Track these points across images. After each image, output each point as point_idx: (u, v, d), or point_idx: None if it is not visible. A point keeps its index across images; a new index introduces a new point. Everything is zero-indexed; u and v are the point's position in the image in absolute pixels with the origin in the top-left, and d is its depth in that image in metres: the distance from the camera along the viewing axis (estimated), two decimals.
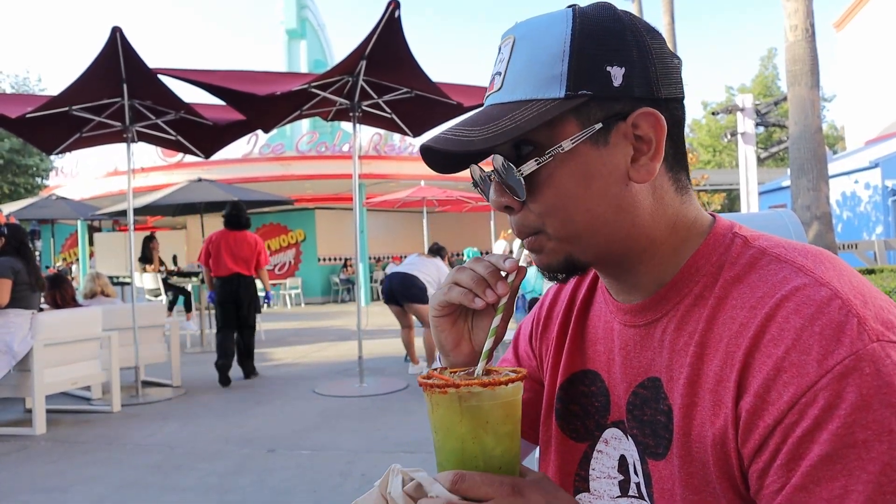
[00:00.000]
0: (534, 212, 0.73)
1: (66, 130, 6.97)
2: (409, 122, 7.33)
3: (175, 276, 10.77)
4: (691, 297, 0.72)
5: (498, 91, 0.73)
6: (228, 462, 4.29)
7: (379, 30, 5.56)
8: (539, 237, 0.75)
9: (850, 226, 18.41)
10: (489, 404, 0.68)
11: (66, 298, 6.15)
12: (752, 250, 0.71)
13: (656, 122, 0.71)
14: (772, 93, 34.85)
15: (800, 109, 7.95)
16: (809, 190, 7.86)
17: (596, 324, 0.87)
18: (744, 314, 0.65)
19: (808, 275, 0.64)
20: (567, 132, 0.70)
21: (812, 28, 7.92)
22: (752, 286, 0.67)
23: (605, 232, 0.72)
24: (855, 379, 0.56)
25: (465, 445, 0.68)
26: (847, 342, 0.58)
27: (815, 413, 0.57)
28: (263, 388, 6.71)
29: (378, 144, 18.30)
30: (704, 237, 0.75)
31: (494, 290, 0.76)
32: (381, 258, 20.94)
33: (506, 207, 0.75)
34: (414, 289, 6.89)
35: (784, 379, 0.59)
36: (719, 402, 0.65)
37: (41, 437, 5.02)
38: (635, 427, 0.75)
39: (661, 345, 0.74)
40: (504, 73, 0.73)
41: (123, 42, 5.62)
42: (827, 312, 0.60)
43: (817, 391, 0.57)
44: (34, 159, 24.17)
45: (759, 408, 0.61)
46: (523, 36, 0.73)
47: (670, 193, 0.75)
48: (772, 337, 0.62)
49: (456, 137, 0.70)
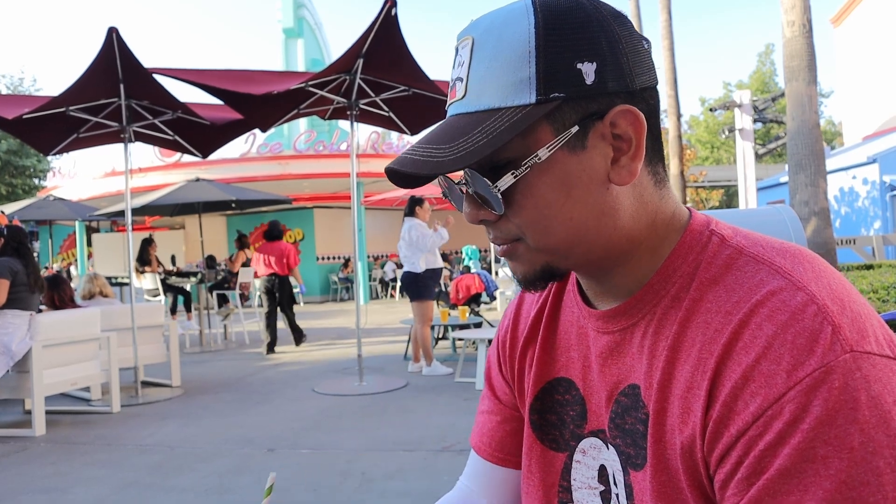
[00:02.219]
0: (514, 223, 0.70)
1: (63, 131, 6.96)
2: (407, 121, 7.32)
3: (174, 277, 10.77)
4: (668, 298, 0.70)
5: (461, 99, 0.69)
6: (228, 462, 4.29)
7: (376, 28, 5.56)
8: (517, 245, 0.71)
9: (848, 221, 18.43)
10: None
11: (65, 299, 6.14)
12: (729, 249, 0.68)
13: (635, 119, 0.67)
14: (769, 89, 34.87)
15: (797, 105, 7.95)
16: (807, 186, 7.86)
17: (567, 329, 0.84)
18: (718, 319, 0.63)
19: (785, 277, 0.62)
20: (541, 139, 0.65)
21: (809, 24, 7.92)
22: (728, 289, 0.65)
23: (586, 239, 0.69)
24: (822, 392, 0.55)
25: None
26: (819, 353, 0.56)
27: (779, 427, 0.55)
28: (263, 388, 6.71)
29: (376, 143, 18.29)
30: (681, 234, 0.72)
31: None
32: (379, 256, 20.94)
33: (481, 221, 0.72)
34: (412, 286, 6.94)
35: (752, 389, 0.58)
36: (688, 409, 0.63)
37: (41, 439, 5.02)
38: (618, 437, 0.72)
39: (640, 350, 0.71)
40: (466, 79, 0.68)
41: (120, 42, 5.61)
42: (801, 319, 0.58)
43: (784, 404, 0.55)
44: (31, 160, 24.15)
45: (725, 417, 0.59)
46: (482, 36, 0.67)
47: (649, 189, 0.71)
48: (744, 344, 0.60)
49: (423, 159, 0.66)
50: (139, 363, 6.47)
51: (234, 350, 9.76)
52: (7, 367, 5.05)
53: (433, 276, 7.01)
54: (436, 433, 4.59)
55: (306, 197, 19.14)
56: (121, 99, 6.35)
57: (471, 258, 13.48)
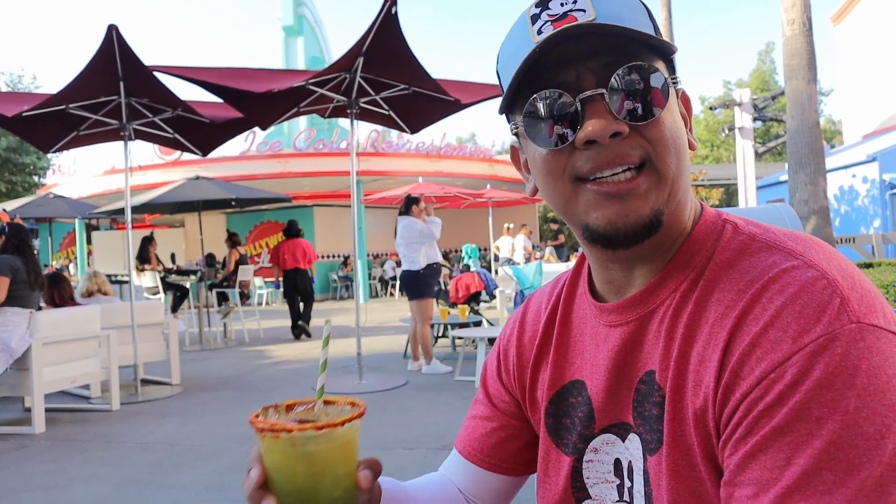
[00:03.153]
0: (647, 137, 0.67)
1: (63, 129, 6.95)
2: (407, 119, 7.32)
3: (173, 275, 10.76)
4: (687, 282, 0.71)
5: (592, 21, 0.66)
6: (228, 459, 4.29)
7: (376, 26, 5.55)
8: (644, 172, 0.68)
9: (847, 220, 18.43)
10: (326, 448, 0.64)
11: (65, 297, 6.15)
12: (743, 236, 0.71)
13: (688, 101, 0.76)
14: (769, 87, 34.85)
15: (797, 104, 7.95)
16: (807, 184, 7.87)
17: (581, 331, 0.84)
18: (731, 297, 0.65)
19: (798, 258, 0.64)
20: (666, 74, 0.70)
21: (809, 22, 7.92)
22: (742, 271, 0.67)
23: (685, 185, 0.72)
24: (825, 357, 0.56)
25: (302, 490, 0.65)
26: (825, 321, 0.58)
27: (779, 388, 0.57)
28: (263, 386, 6.72)
29: (376, 141, 18.29)
30: (696, 223, 0.75)
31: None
32: (379, 255, 20.94)
33: (612, 135, 0.67)
34: (411, 284, 6.94)
35: (758, 354, 0.60)
36: (700, 381, 0.65)
37: (40, 436, 5.02)
38: (641, 425, 0.73)
39: (657, 336, 0.72)
40: (591, 8, 0.67)
41: (120, 40, 5.61)
42: (810, 291, 0.60)
43: (787, 367, 0.57)
44: (31, 157, 24.12)
45: (732, 383, 0.61)
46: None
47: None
48: (754, 316, 0.62)
49: (620, 28, 0.65)
50: (139, 361, 6.47)
51: (233, 348, 9.76)
52: (6, 364, 5.05)
53: (433, 273, 7.01)
54: (435, 431, 4.59)
55: (306, 195, 19.14)
56: (121, 97, 6.34)
57: (470, 257, 13.48)
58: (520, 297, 8.14)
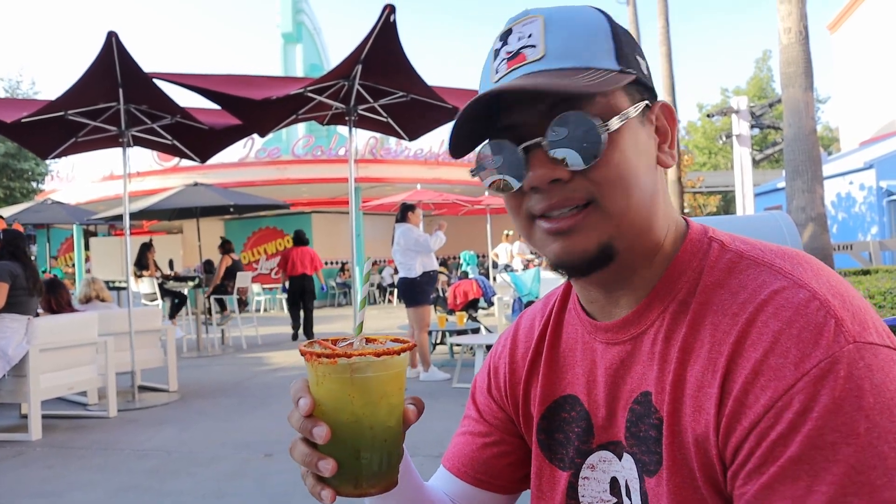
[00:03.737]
0: (591, 179, 0.68)
1: (61, 135, 6.96)
2: (405, 126, 7.34)
3: (171, 281, 10.75)
4: (675, 304, 0.72)
5: (539, 60, 0.68)
6: (226, 466, 4.28)
7: (375, 34, 5.57)
8: (587, 212, 0.69)
9: (845, 227, 18.46)
10: (383, 375, 0.66)
11: (62, 303, 6.13)
12: (730, 254, 0.72)
13: (670, 114, 0.76)
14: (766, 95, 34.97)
15: (794, 111, 7.97)
16: (804, 191, 7.87)
17: (571, 347, 0.85)
18: (726, 321, 0.65)
19: (787, 277, 0.65)
20: (621, 104, 0.70)
21: (806, 30, 7.95)
22: (732, 291, 0.67)
23: (644, 214, 0.71)
24: (829, 382, 0.57)
25: (358, 418, 0.65)
26: (824, 344, 0.59)
27: (790, 417, 0.57)
28: (260, 392, 6.70)
29: (374, 148, 18.31)
30: (682, 241, 0.75)
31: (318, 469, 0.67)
32: (377, 261, 20.93)
33: (551, 182, 0.69)
34: (408, 291, 6.95)
35: (762, 382, 0.60)
36: (700, 407, 0.65)
37: (37, 443, 5.01)
38: (634, 445, 0.73)
39: (651, 357, 0.72)
40: (542, 44, 0.69)
41: (119, 47, 5.62)
42: (805, 314, 0.61)
43: (793, 394, 0.58)
44: (29, 163, 24.10)
45: (737, 412, 0.61)
46: (554, 15, 0.71)
47: (668, 192, 0.78)
48: (752, 342, 0.62)
49: (552, 81, 0.66)
50: (136, 367, 6.45)
51: (231, 354, 9.74)
52: (4, 371, 5.04)
53: (429, 280, 7.02)
54: (433, 438, 4.58)
55: (304, 202, 19.14)
56: (120, 103, 6.36)
57: (469, 264, 13.46)
58: (518, 304, 8.14)
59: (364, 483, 0.67)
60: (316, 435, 0.65)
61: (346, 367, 0.64)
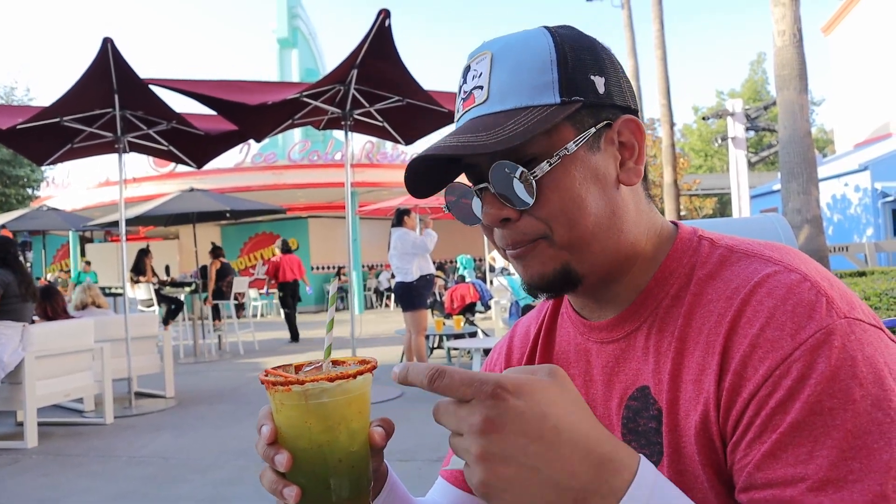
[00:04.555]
0: (538, 217, 0.72)
1: (57, 141, 6.95)
2: (401, 130, 7.34)
3: (168, 287, 10.72)
4: (668, 298, 0.74)
5: (483, 103, 0.73)
6: (223, 473, 4.26)
7: (370, 39, 5.58)
8: (538, 243, 0.73)
9: (840, 229, 18.52)
10: (340, 400, 0.64)
11: (57, 310, 6.11)
12: (721, 249, 0.74)
13: (636, 128, 0.75)
14: (762, 97, 35.10)
15: (789, 113, 8.00)
16: (800, 193, 7.90)
17: (565, 349, 0.86)
18: (721, 305, 0.68)
19: (778, 263, 0.68)
20: (564, 137, 0.71)
21: (800, 33, 7.98)
22: (726, 280, 0.70)
23: (602, 238, 0.73)
24: (825, 351, 0.59)
25: (317, 445, 0.64)
26: (818, 317, 0.61)
27: (788, 384, 0.59)
28: (257, 398, 6.69)
29: (370, 153, 18.32)
30: (672, 242, 0.78)
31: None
32: (374, 266, 20.92)
33: (502, 220, 0.73)
34: (405, 296, 6.94)
35: (759, 354, 0.62)
36: (700, 388, 0.67)
37: (33, 451, 4.98)
38: (632, 441, 0.74)
39: (645, 352, 0.74)
40: (487, 85, 0.73)
41: (115, 53, 5.62)
42: (798, 293, 0.64)
43: (791, 363, 0.60)
44: (25, 170, 24.05)
45: (736, 385, 0.63)
46: (501, 50, 0.74)
47: (643, 201, 0.79)
48: (747, 319, 0.64)
49: (464, 143, 0.69)
50: (133, 374, 6.43)
51: (228, 360, 9.72)
52: None
53: (426, 283, 7.01)
54: (431, 443, 4.57)
55: (301, 207, 19.14)
56: (115, 109, 6.35)
57: (465, 267, 13.49)
58: (515, 307, 8.14)
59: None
60: (277, 463, 0.64)
61: (301, 395, 0.63)
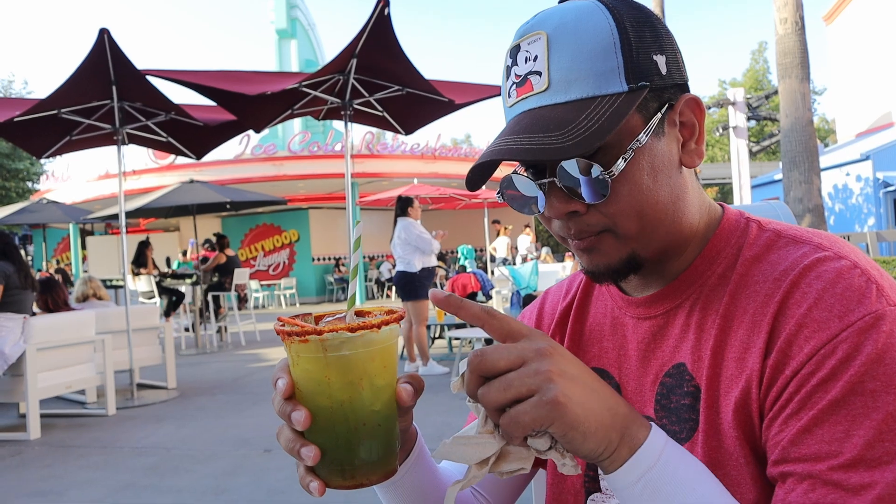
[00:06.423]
0: (604, 212, 0.70)
1: (55, 134, 6.92)
2: (402, 120, 7.31)
3: (168, 279, 10.73)
4: (714, 277, 0.74)
5: (544, 92, 0.69)
6: (225, 463, 4.27)
7: (369, 28, 5.54)
8: (603, 237, 0.72)
9: (842, 218, 18.49)
10: (362, 353, 0.58)
11: (59, 302, 6.12)
12: (768, 232, 0.74)
13: (696, 106, 0.73)
14: (763, 87, 34.96)
15: (791, 102, 7.97)
16: (801, 182, 7.89)
17: (600, 321, 0.86)
18: (768, 286, 0.68)
19: (828, 249, 0.67)
20: (634, 126, 0.68)
21: (802, 21, 7.94)
22: (772, 263, 0.70)
23: (666, 223, 0.73)
24: (873, 334, 0.59)
25: (338, 403, 0.59)
26: (868, 303, 0.61)
27: (832, 363, 0.60)
28: (259, 389, 6.70)
29: (371, 143, 18.28)
30: (719, 223, 0.78)
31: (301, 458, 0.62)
32: (375, 257, 20.92)
33: (568, 214, 0.71)
34: (407, 286, 6.93)
35: (806, 333, 0.62)
36: (743, 366, 0.66)
37: (35, 442, 5.00)
38: (664, 417, 0.74)
39: (685, 329, 0.74)
40: (546, 72, 0.69)
41: (111, 44, 5.58)
42: (848, 278, 0.63)
43: (838, 343, 0.60)
44: (24, 163, 24.02)
45: (781, 361, 0.63)
46: (557, 31, 0.69)
47: (696, 181, 0.78)
48: (796, 300, 0.64)
49: (538, 147, 0.65)
50: (134, 365, 6.44)
51: (229, 352, 9.74)
52: (1, 370, 5.02)
53: (428, 274, 7.01)
54: (432, 432, 4.58)
55: (301, 198, 19.12)
56: (113, 101, 6.32)
57: (466, 258, 13.46)
58: (516, 297, 8.14)
59: (354, 473, 0.61)
60: (294, 421, 0.60)
61: (319, 346, 0.57)
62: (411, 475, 0.78)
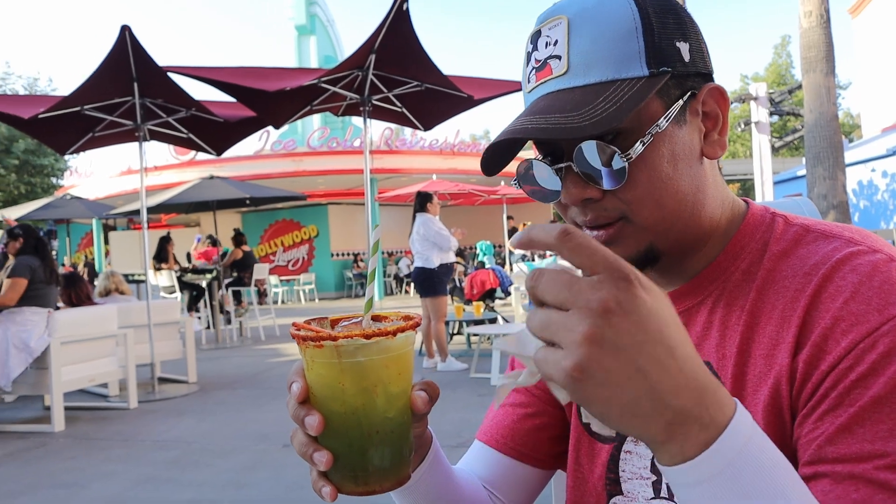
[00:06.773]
0: (622, 199, 0.68)
1: (78, 130, 7.02)
2: (420, 116, 7.30)
3: (189, 274, 10.83)
4: (739, 273, 0.72)
5: (563, 75, 0.68)
6: (244, 457, 4.31)
7: (388, 23, 5.54)
8: (619, 226, 0.70)
9: (867, 214, 18.19)
10: (377, 360, 0.58)
11: (82, 297, 6.20)
12: (796, 227, 0.72)
13: (720, 96, 0.71)
14: (785, 81, 34.47)
15: (815, 97, 7.85)
16: (826, 179, 7.77)
17: None
18: (798, 281, 0.65)
19: (860, 244, 0.65)
20: (654, 112, 0.67)
21: (827, 14, 7.81)
22: (801, 258, 0.67)
23: (685, 215, 0.71)
24: None
25: (352, 409, 0.58)
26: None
27: (872, 358, 0.57)
28: (278, 384, 6.74)
29: (389, 139, 18.31)
30: (743, 218, 0.76)
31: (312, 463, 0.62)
32: (393, 252, 20.96)
33: (584, 200, 0.70)
34: (425, 282, 6.92)
35: (843, 327, 0.59)
36: (772, 363, 0.64)
37: (60, 434, 5.07)
38: None
39: (707, 327, 0.72)
40: (566, 55, 0.68)
41: (133, 41, 5.64)
42: (885, 271, 0.61)
43: (878, 337, 0.57)
44: (49, 159, 24.42)
45: (815, 356, 0.60)
46: (578, 15, 0.68)
47: (719, 175, 0.76)
48: (829, 294, 0.62)
49: (554, 126, 0.63)
50: (156, 360, 6.51)
51: (249, 346, 9.81)
52: (26, 363, 5.11)
53: (446, 270, 6.99)
54: (451, 429, 4.58)
55: (320, 193, 19.20)
56: (135, 97, 6.38)
57: (485, 254, 13.44)
58: None
59: (367, 479, 0.61)
60: (307, 425, 0.59)
61: (334, 352, 0.57)
62: (425, 481, 0.77)
